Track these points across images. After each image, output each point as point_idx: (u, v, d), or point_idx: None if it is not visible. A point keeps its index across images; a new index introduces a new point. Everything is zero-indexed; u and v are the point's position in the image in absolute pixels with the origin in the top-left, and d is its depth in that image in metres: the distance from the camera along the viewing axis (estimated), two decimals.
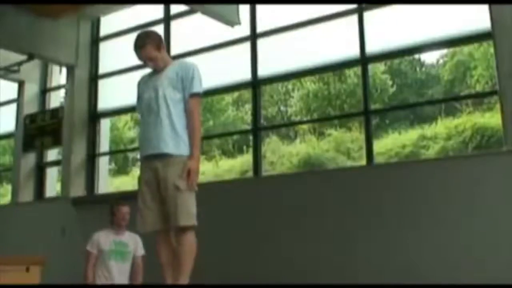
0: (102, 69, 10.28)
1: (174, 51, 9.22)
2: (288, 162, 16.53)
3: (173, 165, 4.03)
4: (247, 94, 16.38)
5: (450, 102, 14.39)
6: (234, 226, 7.61)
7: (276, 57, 8.28)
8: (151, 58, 4.20)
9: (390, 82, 17.87)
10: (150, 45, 4.18)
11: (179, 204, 3.97)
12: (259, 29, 8.48)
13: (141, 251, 5.78)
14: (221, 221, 7.52)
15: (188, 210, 4.00)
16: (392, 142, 15.21)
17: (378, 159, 7.63)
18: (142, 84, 4.35)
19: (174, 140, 4.06)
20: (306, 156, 16.43)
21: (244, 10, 8.38)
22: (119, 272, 5.64)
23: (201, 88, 4.21)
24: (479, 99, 13.05)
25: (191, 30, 9.12)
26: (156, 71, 4.26)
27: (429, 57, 18.82)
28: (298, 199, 7.24)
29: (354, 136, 16.45)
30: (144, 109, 4.22)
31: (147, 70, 4.46)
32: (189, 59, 8.71)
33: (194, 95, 4.17)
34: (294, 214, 7.21)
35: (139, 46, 4.20)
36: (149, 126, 4.14)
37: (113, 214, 5.72)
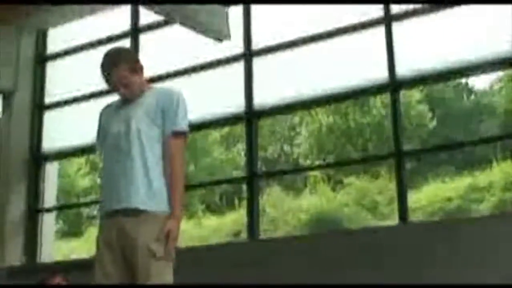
0: (49, 97, 10.31)
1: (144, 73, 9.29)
2: (295, 220, 16.47)
3: (147, 224, 3.98)
4: (239, 129, 16.46)
5: (509, 140, 14.38)
6: None
7: (278, 81, 8.34)
8: (124, 83, 4.15)
9: (429, 114, 17.98)
10: (123, 65, 4.15)
11: (152, 274, 3.93)
12: (255, 45, 8.55)
13: None
14: None
15: (163, 282, 3.98)
16: (433, 194, 15.19)
17: (415, 217, 7.62)
18: (107, 115, 4.33)
19: (148, 192, 4.02)
20: (318, 213, 16.40)
21: (236, 20, 8.47)
22: None
23: (187, 125, 4.18)
24: None
25: (166, 47, 9.19)
26: (128, 99, 4.23)
27: (480, 82, 19.01)
28: (307, 270, 7.21)
29: (382, 185, 16.45)
30: (110, 148, 4.18)
31: (111, 99, 4.47)
32: (166, 85, 8.87)
33: (178, 134, 4.13)
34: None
35: (109, 67, 4.17)
36: (115, 172, 4.10)
37: None
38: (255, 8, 8.64)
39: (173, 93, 4.21)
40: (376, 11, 7.72)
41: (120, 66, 4.13)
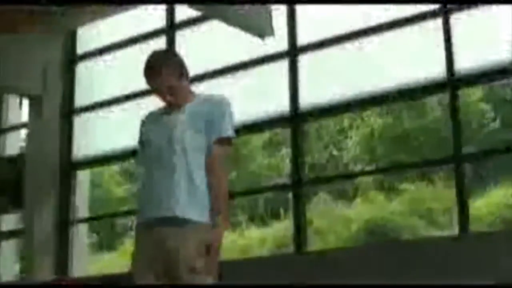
0: (79, 101, 10.38)
1: None
2: (345, 230, 16.39)
3: (190, 237, 3.99)
4: (284, 133, 16.42)
5: None
6: None
7: (326, 81, 8.31)
8: (169, 89, 4.19)
9: (491, 114, 17.77)
10: (169, 70, 4.20)
11: None
12: (301, 41, 8.54)
13: None
14: None
15: None
16: (497, 201, 14.99)
17: (477, 226, 7.53)
18: (149, 124, 4.37)
19: (191, 201, 4.04)
20: (370, 222, 16.29)
21: (280, 15, 8.45)
22: None
23: (233, 132, 4.22)
24: None
25: (203, 44, 9.20)
26: (172, 107, 4.27)
27: None
28: (358, 286, 7.15)
29: (438, 192, 16.28)
30: (151, 157, 4.21)
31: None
32: (204, 85, 8.89)
33: (223, 140, 4.17)
34: None
35: (153, 72, 4.21)
36: (157, 181, 4.12)
37: None
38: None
39: (219, 100, 4.27)
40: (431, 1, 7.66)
41: (166, 71, 4.18)
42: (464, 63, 7.45)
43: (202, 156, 4.12)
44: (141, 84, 9.35)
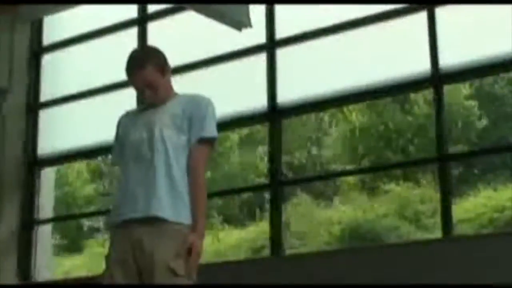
0: (45, 95, 10.38)
1: None
2: (325, 233, 16.43)
3: (167, 237, 4.05)
4: (261, 130, 16.48)
5: None
6: None
7: (305, 76, 8.35)
8: (151, 85, 4.28)
9: (478, 112, 17.88)
10: (152, 66, 4.29)
11: None
12: (280, 34, 8.58)
13: None
14: None
15: None
16: (483, 204, 15.09)
17: (462, 229, 7.62)
18: (127, 121, 4.47)
19: (171, 201, 4.10)
20: (352, 225, 16.34)
21: (258, 6, 8.49)
22: None
23: (215, 132, 4.32)
24: None
25: (177, 36, 9.22)
26: (152, 104, 4.37)
27: None
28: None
29: (425, 193, 16.36)
30: (129, 156, 4.28)
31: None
32: (177, 79, 8.90)
33: (204, 141, 4.27)
34: None
35: (135, 67, 4.31)
36: (135, 180, 4.18)
37: None
38: None
39: (201, 100, 4.38)
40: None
41: (148, 67, 4.27)
42: (450, 58, 7.54)
43: (183, 155, 4.20)
44: (112, 77, 9.42)
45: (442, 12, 7.60)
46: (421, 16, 7.67)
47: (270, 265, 8.13)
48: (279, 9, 8.59)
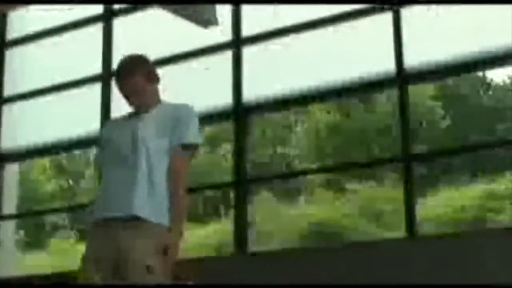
0: (8, 89, 10.31)
1: (115, 62, 9.30)
2: (289, 232, 16.47)
3: (144, 237, 4.12)
4: (226, 128, 16.48)
5: None
6: None
7: (271, 74, 8.37)
8: (138, 92, 4.41)
9: (441, 112, 18.02)
10: (141, 73, 4.43)
11: None
12: (246, 31, 8.59)
13: None
14: None
15: None
16: (445, 203, 15.22)
17: (425, 228, 7.66)
18: (111, 126, 4.60)
19: (150, 201, 4.20)
20: (316, 223, 16.39)
21: (224, 7, 8.51)
22: None
23: (196, 139, 4.43)
24: None
25: (142, 33, 9.22)
26: (138, 111, 4.49)
27: (499, 77, 19.07)
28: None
29: (388, 193, 16.45)
30: (112, 157, 4.39)
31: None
32: None
33: (186, 147, 4.38)
34: None
35: (124, 74, 4.41)
36: (116, 180, 4.29)
37: None
38: None
39: (185, 108, 4.51)
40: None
41: (136, 74, 4.42)
42: (415, 58, 7.60)
43: (165, 159, 4.30)
44: (75, 73, 9.38)
45: (407, 13, 7.65)
46: (387, 17, 7.72)
47: (233, 263, 8.14)
48: (245, 8, 8.60)
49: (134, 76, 4.38)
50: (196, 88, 8.72)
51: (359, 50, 8.00)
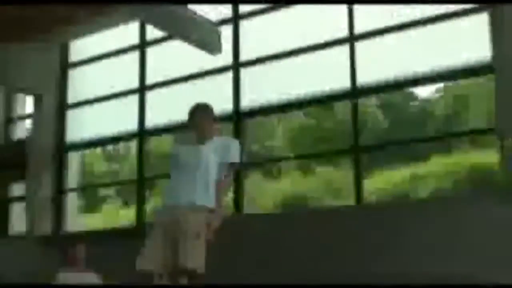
0: (72, 98, 10.32)
1: (150, 79, 9.36)
2: (272, 201, 16.50)
3: (198, 215, 4.57)
4: (230, 127, 16.45)
5: (445, 140, 14.52)
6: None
7: (261, 88, 8.41)
8: (208, 131, 4.88)
9: (382, 117, 18.04)
10: (210, 118, 4.92)
11: (189, 252, 4.44)
12: (243, 57, 8.65)
13: None
14: None
15: (200, 257, 4.46)
16: (383, 181, 15.27)
17: (368, 199, 7.74)
18: (182, 149, 4.92)
19: (205, 195, 4.70)
20: (291, 196, 16.42)
21: (226, 37, 8.53)
22: None
23: (238, 161, 4.93)
24: (476, 137, 13.19)
25: (169, 58, 9.25)
26: (201, 140, 4.88)
27: (424, 91, 19.10)
28: (278, 240, 7.29)
29: (343, 174, 16.51)
30: (183, 168, 4.79)
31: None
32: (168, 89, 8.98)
33: (232, 165, 4.86)
34: (274, 252, 7.25)
35: (200, 117, 4.89)
36: (185, 183, 4.72)
37: (68, 255, 5.87)
38: (243, 25, 8.71)
39: (232, 140, 5.12)
40: (343, 30, 7.82)
41: (208, 118, 4.90)
42: (364, 77, 7.68)
43: (215, 172, 4.78)
44: (119, 87, 9.40)
45: (360, 45, 7.72)
46: (346, 48, 7.80)
47: (233, 220, 8.18)
48: (243, 38, 8.64)
49: (206, 120, 4.86)
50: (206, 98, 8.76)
51: (322, 72, 8.05)
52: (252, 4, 8.60)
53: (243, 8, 8.68)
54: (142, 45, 9.61)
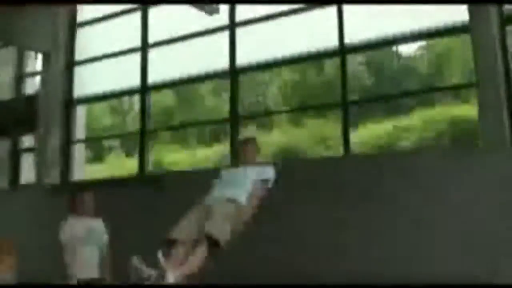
0: (78, 56, 10.21)
1: (152, 38, 9.23)
2: (265, 151, 16.56)
3: (231, 205, 4.98)
4: (226, 83, 16.36)
5: (427, 94, 14.51)
6: None
7: (255, 47, 8.32)
8: (252, 156, 5.52)
9: (367, 74, 17.96)
10: (256, 148, 5.60)
11: (221, 219, 4.73)
12: (238, 18, 8.51)
13: (106, 236, 5.88)
14: None
15: (225, 230, 4.71)
16: (369, 133, 15.30)
17: (355, 150, 7.69)
18: (228, 170, 5.61)
19: (244, 196, 5.16)
20: (283, 146, 16.46)
21: None
22: (91, 256, 5.71)
23: (270, 179, 5.38)
24: (456, 91, 13.16)
25: (169, 18, 9.11)
26: (246, 163, 5.47)
27: (407, 49, 18.97)
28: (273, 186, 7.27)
29: (332, 127, 16.53)
30: (227, 177, 5.39)
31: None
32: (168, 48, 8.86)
33: (264, 181, 5.33)
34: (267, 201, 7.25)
35: (250, 144, 5.58)
36: (229, 184, 5.26)
37: (75, 203, 5.80)
38: None
39: (267, 166, 5.48)
40: None
41: (254, 148, 5.58)
42: (352, 37, 7.56)
43: (251, 183, 5.23)
44: (123, 45, 9.26)
45: (348, 7, 7.58)
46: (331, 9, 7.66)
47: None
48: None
49: (254, 149, 5.54)
50: (205, 56, 8.68)
51: (312, 31, 7.94)
52: None
53: None
54: (144, 6, 9.46)
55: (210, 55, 8.64)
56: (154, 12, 9.40)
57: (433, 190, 6.39)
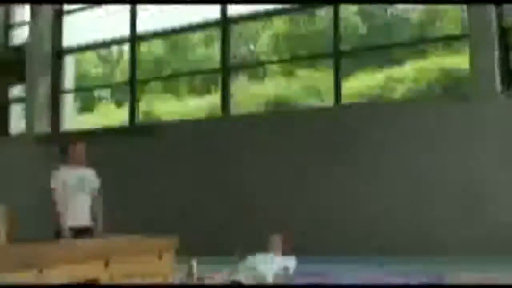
0: (67, 5, 10.06)
1: None
2: (257, 102, 16.48)
3: None
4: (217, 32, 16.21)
5: (420, 45, 14.41)
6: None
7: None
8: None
9: (361, 23, 17.78)
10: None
11: None
12: None
13: (97, 184, 5.89)
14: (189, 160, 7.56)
15: None
16: (360, 84, 15.25)
17: (346, 100, 7.72)
18: None
19: None
20: (275, 97, 16.39)
21: None
22: (83, 205, 5.73)
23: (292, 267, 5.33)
24: (448, 42, 13.05)
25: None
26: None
27: None
28: (266, 137, 7.30)
29: (324, 77, 16.43)
30: None
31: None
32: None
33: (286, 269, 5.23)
34: (259, 153, 7.28)
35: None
36: None
37: (67, 152, 5.78)
38: None
39: (290, 257, 5.34)
40: None
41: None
42: None
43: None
44: None
45: None
46: None
47: (221, 122, 8.19)
48: None
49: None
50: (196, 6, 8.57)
51: None
52: None
53: None
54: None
55: (203, 4, 8.56)
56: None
57: (427, 139, 6.45)
